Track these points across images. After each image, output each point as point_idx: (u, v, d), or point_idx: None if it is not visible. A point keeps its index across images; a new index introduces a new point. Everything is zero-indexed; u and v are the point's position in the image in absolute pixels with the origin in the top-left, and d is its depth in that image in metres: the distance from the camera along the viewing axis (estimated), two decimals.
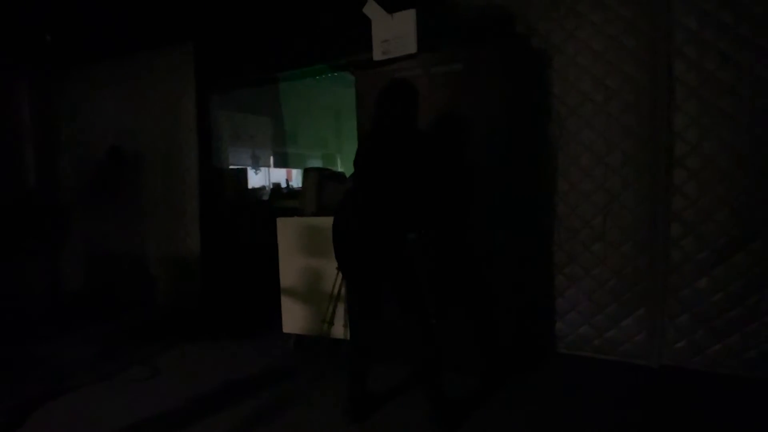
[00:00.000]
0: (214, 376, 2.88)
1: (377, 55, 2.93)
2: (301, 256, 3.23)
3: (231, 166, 6.02)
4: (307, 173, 3.42)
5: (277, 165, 9.30)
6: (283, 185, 7.59)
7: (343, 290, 3.02)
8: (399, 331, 2.23)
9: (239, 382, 2.80)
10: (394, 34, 2.86)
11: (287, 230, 3.28)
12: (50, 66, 4.77)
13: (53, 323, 4.04)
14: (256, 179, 8.31)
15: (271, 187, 7.35)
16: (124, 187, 4.61)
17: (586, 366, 2.83)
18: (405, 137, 2.19)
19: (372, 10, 2.91)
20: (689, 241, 2.64)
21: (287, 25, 3.90)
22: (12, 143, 4.73)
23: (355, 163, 2.27)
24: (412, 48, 2.80)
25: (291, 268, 3.27)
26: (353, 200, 2.22)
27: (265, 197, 6.08)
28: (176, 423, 2.34)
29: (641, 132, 2.73)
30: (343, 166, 9.22)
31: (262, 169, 8.91)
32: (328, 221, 3.12)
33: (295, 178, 9.23)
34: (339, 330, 3.06)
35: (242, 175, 5.90)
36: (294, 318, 3.29)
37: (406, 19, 2.82)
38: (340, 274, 2.99)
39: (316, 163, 9.55)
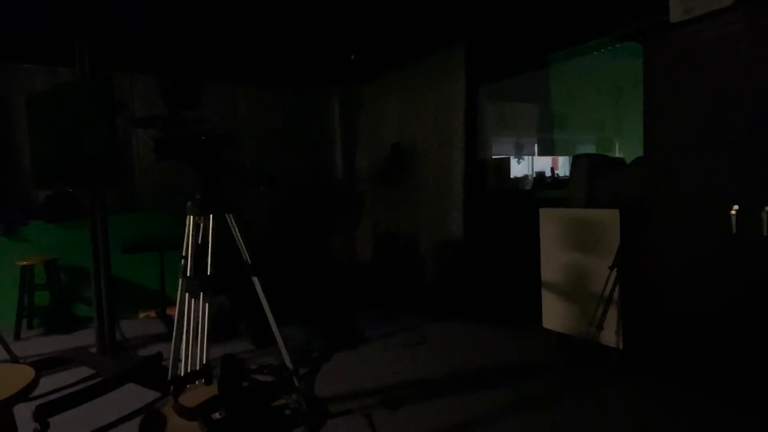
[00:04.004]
0: (470, 355, 3.04)
1: (676, 16, 2.41)
2: (566, 250, 3.01)
3: (494, 156, 6.12)
4: (576, 161, 3.16)
5: (541, 153, 8.95)
6: (548, 174, 7.25)
7: (616, 292, 2.67)
8: None
9: (494, 367, 2.87)
10: None
11: (551, 222, 3.11)
12: (352, 80, 5.86)
13: (351, 288, 5.02)
14: (518, 168, 8.21)
15: (534, 176, 7.12)
16: (404, 178, 5.28)
17: None
18: None
19: None
20: None
21: (559, 1, 3.64)
22: (329, 146, 6.15)
23: None
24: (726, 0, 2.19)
25: (554, 261, 3.10)
26: None
27: (528, 187, 5.95)
28: (436, 391, 2.56)
29: None
30: (622, 151, 8.16)
31: (525, 157, 8.74)
32: (598, 214, 2.84)
33: (561, 166, 8.70)
34: (610, 336, 2.73)
35: (505, 164, 5.92)
36: (555, 315, 3.11)
37: None
38: (614, 274, 2.66)
39: (589, 149, 8.69)
